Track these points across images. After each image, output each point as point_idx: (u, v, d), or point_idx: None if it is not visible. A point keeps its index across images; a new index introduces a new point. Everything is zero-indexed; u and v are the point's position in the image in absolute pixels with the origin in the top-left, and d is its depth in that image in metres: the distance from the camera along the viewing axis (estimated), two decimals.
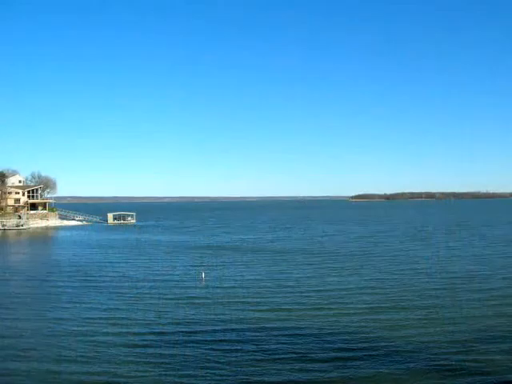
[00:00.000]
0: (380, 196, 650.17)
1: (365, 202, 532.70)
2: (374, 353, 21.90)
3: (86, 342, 23.89)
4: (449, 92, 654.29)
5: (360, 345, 23.12)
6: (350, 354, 21.85)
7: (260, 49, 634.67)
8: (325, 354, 21.86)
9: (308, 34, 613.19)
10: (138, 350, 22.78)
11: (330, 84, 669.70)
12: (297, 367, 20.32)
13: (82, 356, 21.90)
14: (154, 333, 25.51)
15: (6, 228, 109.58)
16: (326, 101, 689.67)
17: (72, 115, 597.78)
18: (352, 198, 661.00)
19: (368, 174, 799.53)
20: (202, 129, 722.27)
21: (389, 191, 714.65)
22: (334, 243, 72.44)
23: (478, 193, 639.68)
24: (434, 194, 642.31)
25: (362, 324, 26.78)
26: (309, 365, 20.61)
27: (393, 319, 27.71)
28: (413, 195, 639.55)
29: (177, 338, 24.47)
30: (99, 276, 44.35)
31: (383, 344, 23.08)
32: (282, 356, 21.68)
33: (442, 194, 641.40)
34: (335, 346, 23.09)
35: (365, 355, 21.64)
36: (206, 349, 22.80)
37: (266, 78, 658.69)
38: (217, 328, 26.33)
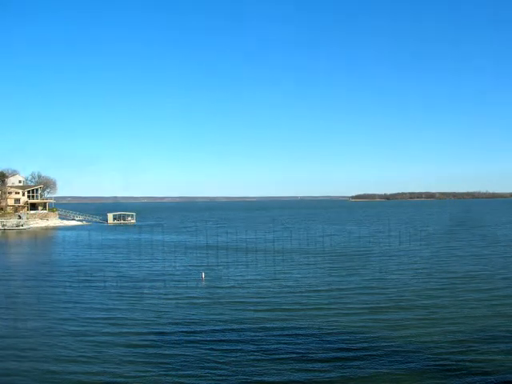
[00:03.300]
0: (380, 196, 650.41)
1: (365, 202, 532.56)
2: (374, 353, 21.90)
3: (86, 342, 23.90)
4: (449, 92, 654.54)
5: (360, 345, 23.12)
6: (350, 354, 21.86)
7: (261, 48, 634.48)
8: (325, 354, 21.87)
9: (310, 34, 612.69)
10: (138, 349, 22.78)
11: (330, 84, 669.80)
12: (297, 367, 20.33)
13: (82, 356, 21.91)
14: (153, 333, 25.51)
15: (6, 228, 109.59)
16: (326, 100, 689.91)
17: (72, 115, 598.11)
18: (352, 197, 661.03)
19: (368, 174, 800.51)
20: (202, 128, 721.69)
21: (389, 191, 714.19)
22: (334, 243, 72.40)
23: (478, 193, 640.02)
24: (434, 194, 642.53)
25: (362, 324, 26.77)
26: (309, 365, 20.62)
27: (393, 319, 27.70)
28: (413, 195, 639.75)
29: (177, 338, 24.48)
30: (99, 276, 44.34)
31: (383, 344, 23.09)
32: (282, 356, 21.69)
33: (442, 193, 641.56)
34: (335, 346, 23.09)
35: (365, 355, 21.65)
36: (205, 349, 22.80)
37: (266, 77, 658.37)
38: (217, 328, 26.34)
